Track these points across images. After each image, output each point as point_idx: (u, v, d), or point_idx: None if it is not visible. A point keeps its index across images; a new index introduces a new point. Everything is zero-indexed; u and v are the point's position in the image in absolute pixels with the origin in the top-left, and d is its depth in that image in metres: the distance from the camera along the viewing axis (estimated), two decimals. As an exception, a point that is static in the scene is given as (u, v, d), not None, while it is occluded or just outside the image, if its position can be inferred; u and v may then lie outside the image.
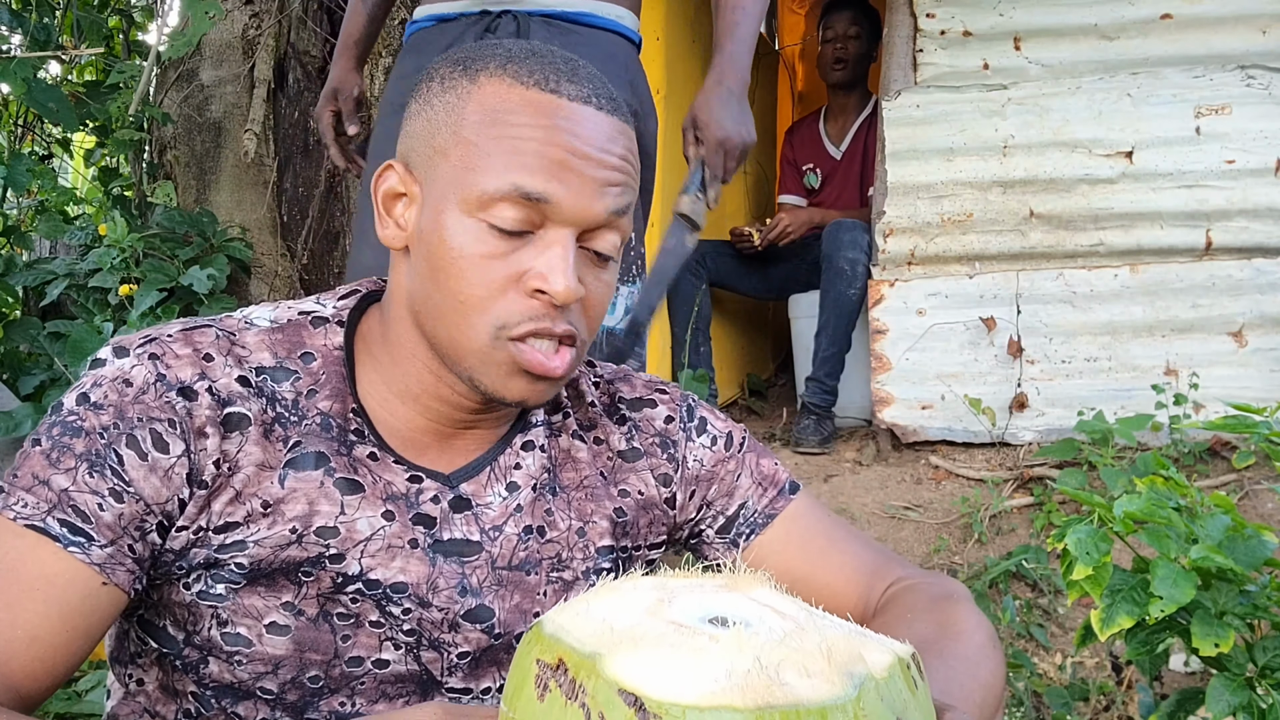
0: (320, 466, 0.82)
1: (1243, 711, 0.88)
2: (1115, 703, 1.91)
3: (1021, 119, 2.83)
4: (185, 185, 3.43)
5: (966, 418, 2.82)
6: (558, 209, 0.78)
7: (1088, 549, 0.87)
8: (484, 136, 0.78)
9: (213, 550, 0.79)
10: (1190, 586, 0.84)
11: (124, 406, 0.76)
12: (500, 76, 0.80)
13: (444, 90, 0.82)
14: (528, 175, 0.77)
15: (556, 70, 0.81)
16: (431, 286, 0.80)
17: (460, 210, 0.78)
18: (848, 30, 3.47)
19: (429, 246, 0.80)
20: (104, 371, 0.78)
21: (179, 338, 0.80)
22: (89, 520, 0.74)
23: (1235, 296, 2.71)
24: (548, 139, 0.78)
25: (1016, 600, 2.20)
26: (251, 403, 0.81)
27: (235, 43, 3.43)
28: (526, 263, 0.78)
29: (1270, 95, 2.70)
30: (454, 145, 0.80)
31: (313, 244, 3.46)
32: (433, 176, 0.81)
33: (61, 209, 3.58)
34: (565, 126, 0.78)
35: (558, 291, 0.77)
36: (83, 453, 0.75)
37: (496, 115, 0.79)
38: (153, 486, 0.76)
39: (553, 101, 0.79)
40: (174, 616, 0.82)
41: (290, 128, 3.47)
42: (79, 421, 0.76)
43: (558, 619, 0.53)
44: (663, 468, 0.96)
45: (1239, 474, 2.49)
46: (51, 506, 0.74)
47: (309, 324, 0.86)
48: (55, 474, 0.74)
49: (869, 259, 2.97)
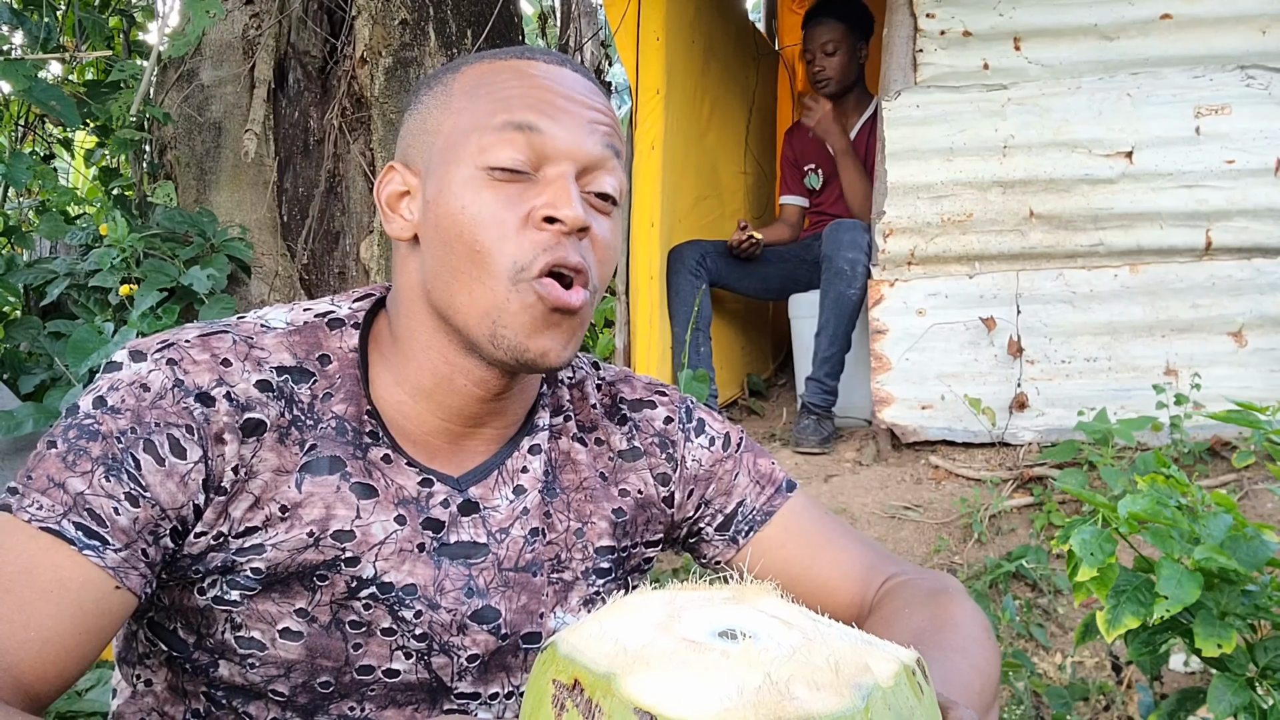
0: (336, 471, 0.82)
1: (1244, 712, 0.88)
2: (1115, 703, 1.91)
3: (1021, 119, 2.83)
4: (185, 185, 3.43)
5: (966, 418, 2.82)
6: (551, 141, 0.81)
7: (1092, 550, 0.87)
8: (470, 100, 0.83)
9: (230, 554, 0.79)
10: (1195, 587, 0.84)
11: (141, 411, 0.76)
12: (480, 62, 0.86)
13: (431, 90, 0.87)
14: (516, 112, 0.81)
15: (533, 50, 0.87)
16: (445, 254, 0.81)
17: (461, 168, 0.81)
18: (823, 46, 3.39)
19: (437, 216, 0.82)
20: (120, 375, 0.78)
21: (196, 343, 0.80)
22: (104, 524, 0.74)
23: (1235, 296, 2.71)
24: (530, 86, 0.82)
25: (1016, 600, 2.20)
26: (270, 407, 0.81)
27: (235, 43, 3.43)
28: (532, 200, 0.80)
29: (1270, 95, 2.70)
30: (444, 119, 0.84)
31: (313, 244, 3.46)
32: (430, 157, 0.84)
33: (62, 209, 3.58)
34: (544, 80, 0.83)
35: (566, 215, 0.79)
36: (99, 456, 0.74)
37: (480, 82, 0.84)
38: (169, 492, 0.76)
39: (531, 64, 0.85)
40: (185, 620, 0.82)
41: (290, 128, 3.47)
42: (95, 425, 0.76)
43: (572, 639, 0.54)
44: (661, 467, 0.97)
45: (1239, 474, 2.50)
46: (67, 509, 0.73)
47: (325, 326, 0.87)
48: (71, 477, 0.74)
49: (869, 259, 2.97)
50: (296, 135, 3.47)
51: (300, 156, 3.48)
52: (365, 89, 3.43)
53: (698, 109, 3.60)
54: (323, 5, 3.54)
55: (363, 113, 3.45)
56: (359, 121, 3.45)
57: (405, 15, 3.42)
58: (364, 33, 3.41)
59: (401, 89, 3.40)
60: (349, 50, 3.46)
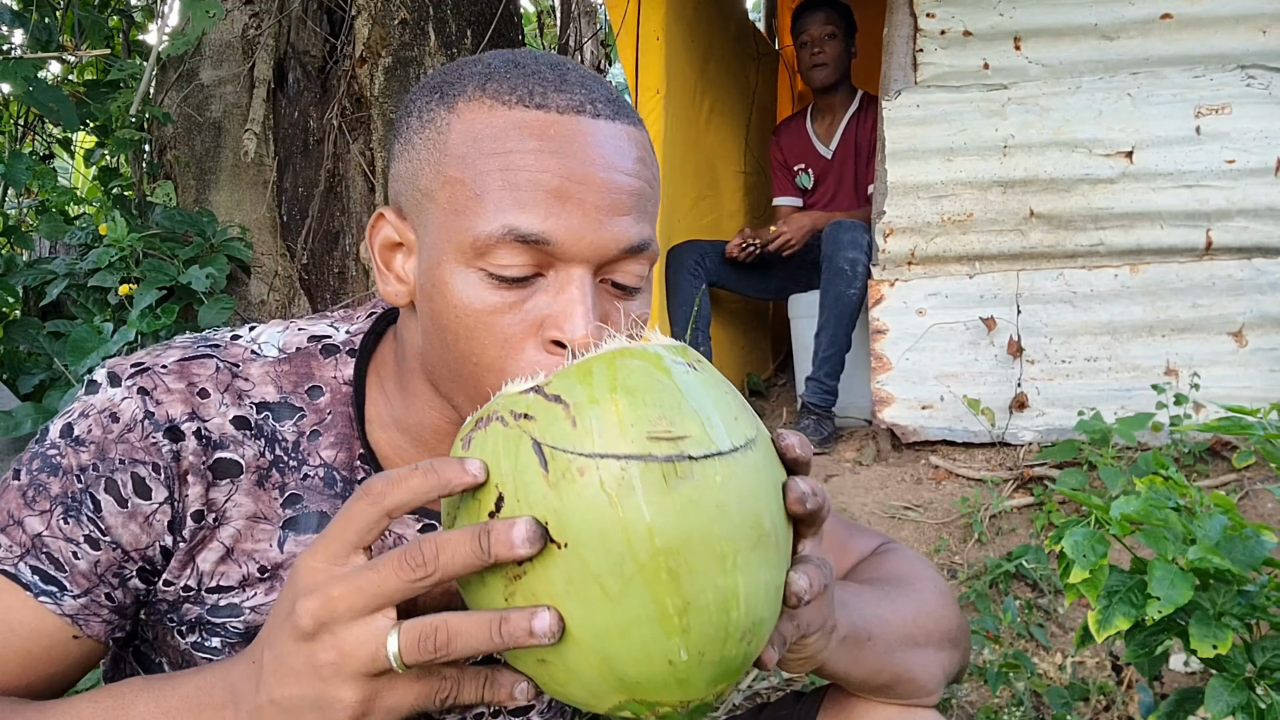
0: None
1: (1241, 712, 0.88)
2: (1115, 703, 1.91)
3: (1021, 119, 2.83)
4: (185, 185, 3.43)
5: (966, 418, 2.82)
6: (562, 248, 0.67)
7: (1084, 551, 0.87)
8: (470, 172, 0.68)
9: (205, 610, 0.75)
10: (1188, 587, 0.84)
11: (106, 446, 0.71)
12: (479, 99, 0.70)
13: (423, 125, 0.72)
14: (522, 214, 0.67)
15: (542, 81, 0.70)
16: (441, 348, 0.71)
17: (457, 261, 0.69)
18: (822, 31, 3.43)
19: (432, 305, 0.71)
20: (94, 400, 0.73)
21: (174, 369, 0.74)
22: (62, 569, 0.70)
23: (1235, 296, 2.71)
24: (540, 166, 0.67)
25: (1016, 600, 2.19)
26: (246, 447, 0.74)
27: (235, 43, 3.43)
28: (540, 310, 0.68)
29: (1270, 95, 2.70)
30: (440, 186, 0.70)
31: (313, 244, 3.46)
32: (424, 223, 0.72)
33: (62, 209, 3.58)
34: (559, 148, 0.68)
35: (578, 340, 0.66)
36: (58, 495, 0.70)
37: (480, 145, 0.69)
38: (131, 534, 0.72)
39: (541, 119, 0.68)
40: (169, 658, 0.79)
41: (290, 128, 3.47)
42: (58, 458, 0.71)
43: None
44: None
45: (1239, 474, 2.49)
46: (25, 551, 0.70)
47: (319, 353, 0.80)
48: (30, 515, 0.70)
49: (869, 259, 2.97)
50: (296, 135, 3.47)
51: (300, 156, 3.48)
52: (365, 89, 3.43)
53: (697, 109, 3.60)
54: (323, 5, 3.53)
55: (363, 112, 3.45)
56: (359, 121, 3.45)
57: (405, 15, 3.42)
58: (364, 32, 3.41)
59: (401, 89, 3.40)
60: (349, 50, 3.46)
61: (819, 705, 0.89)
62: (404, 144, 0.74)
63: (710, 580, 0.54)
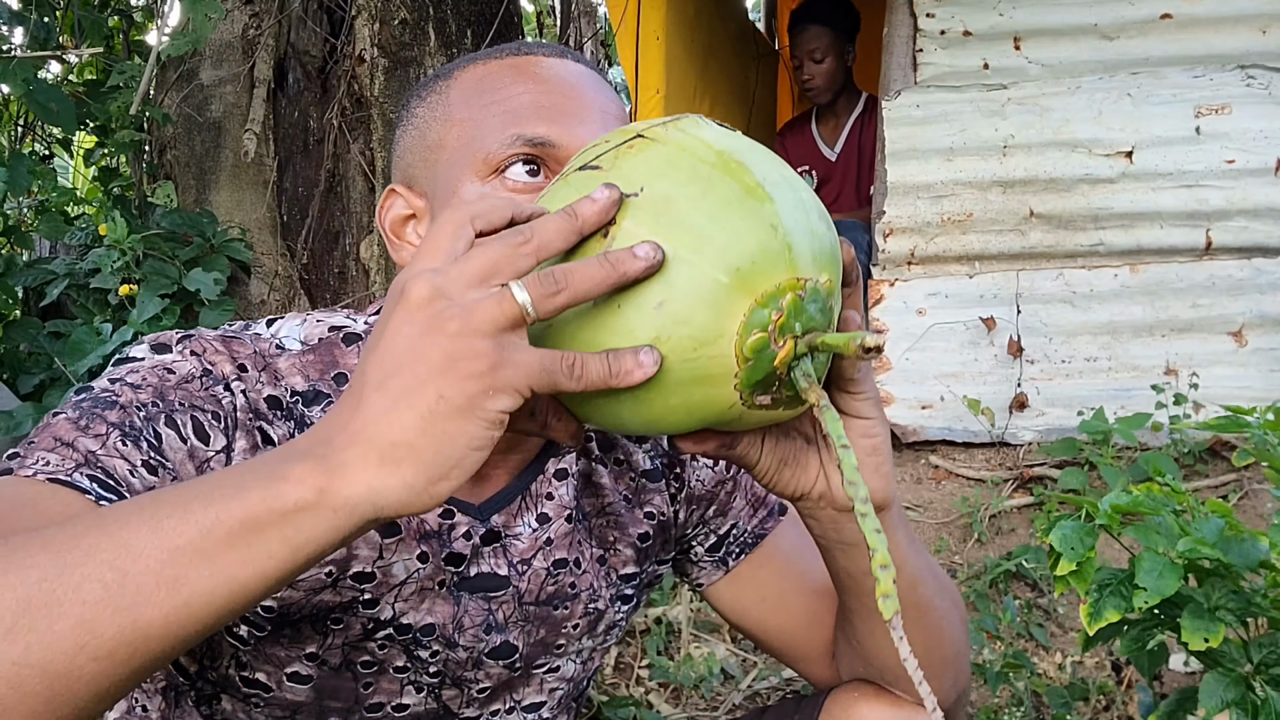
0: None
1: (1236, 707, 0.87)
2: (1115, 703, 1.91)
3: (1021, 119, 2.83)
4: (185, 185, 3.43)
5: (966, 417, 2.82)
6: (565, 150, 0.75)
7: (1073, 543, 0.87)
8: (474, 108, 0.78)
9: None
10: (1175, 578, 0.84)
11: (165, 390, 0.69)
12: (473, 63, 0.82)
13: (425, 101, 0.82)
14: (526, 124, 0.76)
15: (529, 45, 0.83)
16: None
17: (471, 184, 0.76)
18: (810, 54, 3.35)
19: None
20: (141, 363, 0.71)
21: (219, 341, 0.75)
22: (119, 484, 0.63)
23: (1235, 296, 2.71)
24: (536, 88, 0.78)
25: (1016, 600, 2.19)
26: (279, 426, 0.75)
27: (235, 43, 3.43)
28: None
29: (1270, 95, 2.70)
30: (448, 131, 0.79)
31: (313, 244, 3.46)
32: (435, 174, 0.78)
33: (62, 209, 3.58)
34: (548, 76, 0.79)
35: None
36: (115, 422, 0.65)
37: (480, 86, 0.79)
38: (189, 474, 0.68)
39: (530, 60, 0.80)
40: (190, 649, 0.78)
41: (290, 128, 3.47)
42: (114, 396, 0.67)
43: None
44: (672, 486, 0.94)
45: (1239, 473, 2.49)
46: (78, 465, 0.62)
47: (340, 342, 0.81)
48: (82, 437, 0.63)
49: (869, 259, 2.96)
50: (296, 135, 3.47)
51: (300, 156, 3.48)
52: (365, 89, 3.43)
53: (697, 109, 3.60)
54: (323, 5, 3.54)
55: (362, 112, 3.45)
56: (359, 121, 3.45)
57: (405, 15, 3.43)
58: (363, 32, 3.41)
59: (401, 89, 3.40)
60: (349, 50, 3.46)
61: (820, 707, 0.89)
62: (407, 122, 0.83)
63: (773, 170, 0.59)
